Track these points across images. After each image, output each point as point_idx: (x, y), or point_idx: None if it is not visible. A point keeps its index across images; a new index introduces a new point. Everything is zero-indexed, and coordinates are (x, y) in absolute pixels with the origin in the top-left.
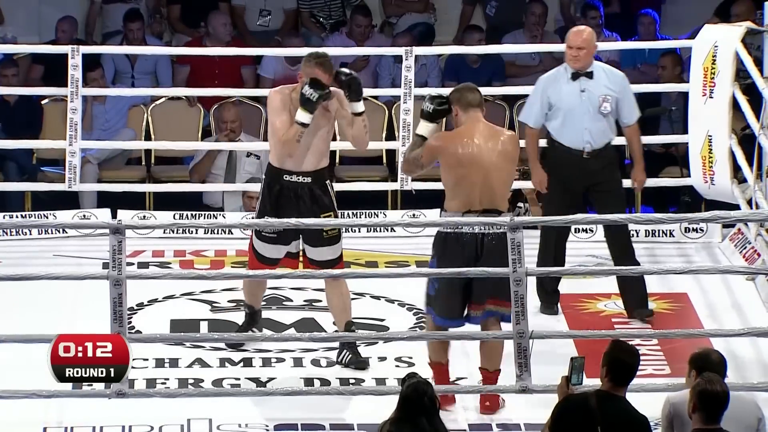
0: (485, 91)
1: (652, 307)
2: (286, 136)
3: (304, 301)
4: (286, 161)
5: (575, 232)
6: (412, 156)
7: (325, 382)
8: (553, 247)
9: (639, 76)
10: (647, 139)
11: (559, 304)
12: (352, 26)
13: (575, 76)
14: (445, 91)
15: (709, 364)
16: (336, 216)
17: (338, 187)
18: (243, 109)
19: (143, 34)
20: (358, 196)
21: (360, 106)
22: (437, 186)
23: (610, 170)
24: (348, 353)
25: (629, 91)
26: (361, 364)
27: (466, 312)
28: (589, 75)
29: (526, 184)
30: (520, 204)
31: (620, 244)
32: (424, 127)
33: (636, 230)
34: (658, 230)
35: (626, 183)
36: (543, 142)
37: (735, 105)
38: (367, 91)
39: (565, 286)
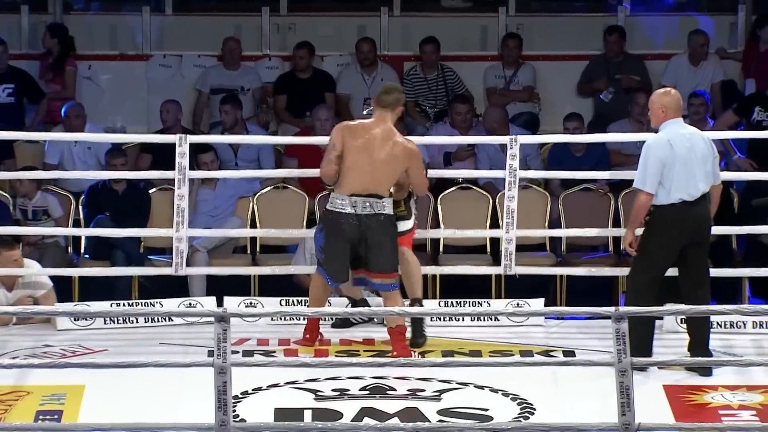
0: (589, 176)
1: (759, 399)
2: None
3: (408, 390)
4: None
5: None
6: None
7: None
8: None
9: (746, 164)
10: (755, 229)
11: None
12: (453, 114)
13: None
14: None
15: None
16: None
17: (441, 271)
18: None
19: (240, 117)
20: (461, 286)
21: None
22: (541, 271)
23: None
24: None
25: (643, 157)
26: (416, 342)
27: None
28: None
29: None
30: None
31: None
32: None
33: (744, 322)
34: (765, 322)
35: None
36: None
37: None
38: (470, 177)
39: (671, 378)
